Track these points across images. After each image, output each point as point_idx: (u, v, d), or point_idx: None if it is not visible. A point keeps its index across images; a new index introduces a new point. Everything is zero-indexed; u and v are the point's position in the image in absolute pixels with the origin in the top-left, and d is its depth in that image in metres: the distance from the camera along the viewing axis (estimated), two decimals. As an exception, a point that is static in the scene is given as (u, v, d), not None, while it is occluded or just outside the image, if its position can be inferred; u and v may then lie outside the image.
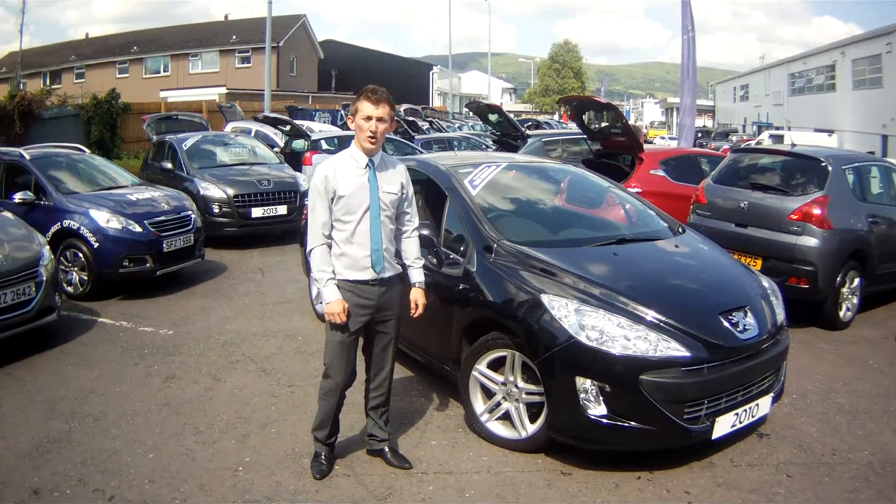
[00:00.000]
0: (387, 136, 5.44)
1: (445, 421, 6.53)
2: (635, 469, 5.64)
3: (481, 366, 6.04)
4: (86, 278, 10.55)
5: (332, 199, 5.08)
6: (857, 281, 9.86)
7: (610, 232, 7.25)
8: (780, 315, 6.37)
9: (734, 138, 48.98)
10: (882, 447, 6.17)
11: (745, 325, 5.80)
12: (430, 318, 6.48)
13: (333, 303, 5.07)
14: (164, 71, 66.02)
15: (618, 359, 5.30)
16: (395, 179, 5.31)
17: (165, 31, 72.75)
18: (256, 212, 14.63)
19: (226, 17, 73.79)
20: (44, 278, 8.43)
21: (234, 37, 63.59)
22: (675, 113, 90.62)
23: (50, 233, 10.48)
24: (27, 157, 11.59)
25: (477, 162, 7.75)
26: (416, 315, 5.49)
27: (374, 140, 5.08)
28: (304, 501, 5.13)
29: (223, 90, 49.16)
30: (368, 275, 5.17)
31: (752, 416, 5.86)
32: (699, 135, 53.69)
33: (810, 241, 9.37)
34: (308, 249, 5.21)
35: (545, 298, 5.65)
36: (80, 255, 10.54)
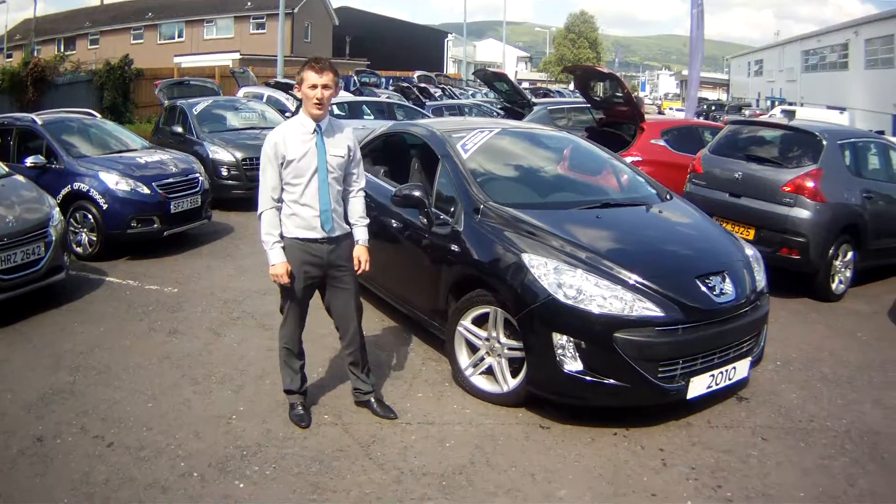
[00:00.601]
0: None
1: (433, 375, 6.79)
2: (612, 425, 5.85)
3: (466, 321, 6.29)
4: (95, 239, 10.82)
5: (282, 164, 5.31)
6: (850, 254, 9.98)
7: (596, 196, 7.43)
8: (761, 282, 6.52)
9: (747, 112, 48.72)
10: (861, 417, 6.27)
11: (721, 290, 5.96)
12: (419, 275, 6.92)
13: (278, 265, 5.34)
14: (179, 37, 65.81)
15: (593, 316, 5.51)
16: (343, 143, 5.52)
17: (180, -3, 72.67)
18: (265, 174, 14.64)
19: (240, -18, 73.47)
20: (53, 238, 8.67)
21: (249, 3, 63.34)
22: (689, 85, 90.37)
23: (60, 195, 10.72)
24: (39, 122, 11.91)
25: (471, 127, 7.98)
26: (360, 272, 5.71)
27: (320, 106, 5.28)
28: (291, 447, 5.41)
29: (237, 56, 49.22)
30: (318, 234, 5.41)
31: (729, 379, 6.03)
32: (713, 108, 53.65)
33: (802, 213, 9.51)
34: (258, 212, 5.41)
35: (525, 258, 5.87)
36: (90, 216, 10.81)
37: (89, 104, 26.16)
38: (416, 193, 6.81)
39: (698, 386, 5.79)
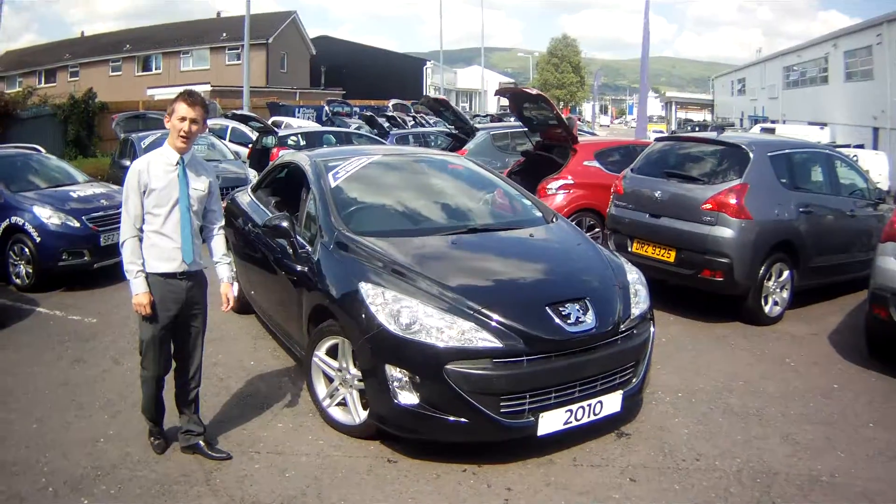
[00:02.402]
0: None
1: (302, 405, 6.73)
2: (465, 461, 5.63)
3: (320, 352, 6.19)
4: (31, 271, 11.04)
5: (144, 192, 5.27)
6: (785, 274, 9.59)
7: (464, 222, 7.31)
8: (638, 309, 6.28)
9: (729, 132, 48.82)
10: (760, 455, 5.88)
11: (578, 318, 5.70)
12: (289, 304, 6.90)
13: (141, 294, 5.29)
14: (157, 68, 66.40)
15: (423, 347, 5.35)
16: (204, 178, 5.53)
17: (158, 29, 73.26)
18: (204, 206, 14.68)
19: (218, 14, 73.88)
20: None
21: (225, 34, 63.84)
22: (673, 107, 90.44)
23: (0, 228, 11.18)
24: None
25: (349, 156, 8.04)
26: (226, 310, 5.82)
27: (185, 139, 5.30)
28: (142, 470, 5.52)
29: (208, 87, 49.32)
30: (177, 266, 5.38)
31: (595, 414, 5.74)
32: (697, 129, 53.73)
33: (725, 232, 9.12)
34: (121, 241, 5.36)
35: (362, 286, 5.79)
36: (26, 249, 11.07)
37: (54, 138, 26.40)
38: (283, 224, 6.81)
39: (551, 422, 5.52)
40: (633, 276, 6.67)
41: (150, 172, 5.28)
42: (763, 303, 9.47)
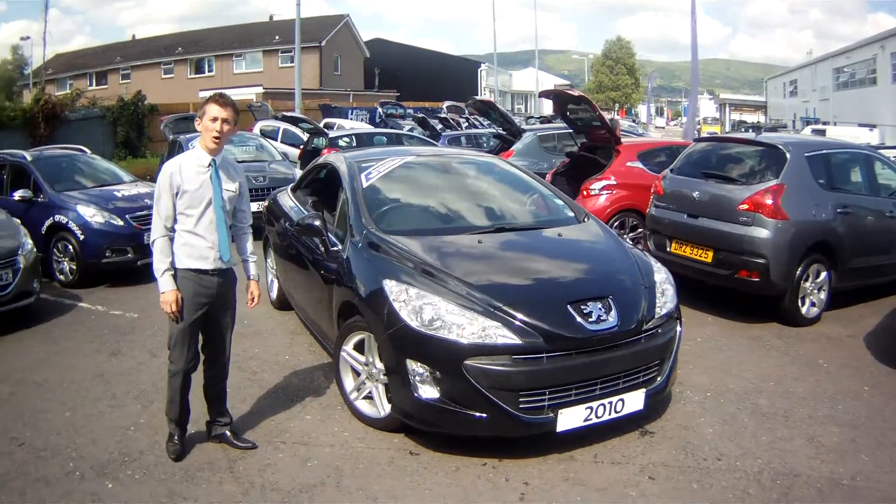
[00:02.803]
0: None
1: (330, 398, 6.84)
2: (487, 455, 5.69)
3: (348, 347, 6.31)
4: (74, 267, 11.42)
5: (177, 194, 5.36)
6: (823, 275, 9.41)
7: (492, 221, 7.35)
8: (664, 308, 6.27)
9: (780, 133, 48.30)
10: (783, 456, 5.77)
11: (600, 316, 5.71)
12: (320, 300, 7.05)
13: (168, 293, 5.38)
14: (209, 71, 67.28)
15: (444, 343, 5.44)
16: (234, 179, 5.64)
17: (210, 32, 74.12)
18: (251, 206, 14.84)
19: (271, 17, 74.82)
20: (21, 266, 9.34)
21: (278, 37, 64.33)
22: (727, 109, 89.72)
23: (45, 227, 11.61)
24: (28, 158, 12.81)
25: (383, 156, 8.17)
26: (252, 306, 5.95)
27: (218, 140, 5.38)
28: (167, 456, 5.71)
29: (260, 89, 49.74)
30: (210, 264, 5.47)
31: (616, 412, 5.74)
32: (750, 130, 53.21)
33: (761, 233, 9.01)
34: (151, 240, 5.48)
35: (385, 283, 5.89)
36: (70, 246, 11.47)
37: (104, 139, 26.88)
38: (315, 223, 7.00)
39: (571, 418, 5.55)
40: (661, 275, 6.64)
41: (183, 174, 5.37)
42: (800, 304, 9.31)
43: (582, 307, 5.74)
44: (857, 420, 6.52)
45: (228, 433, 5.90)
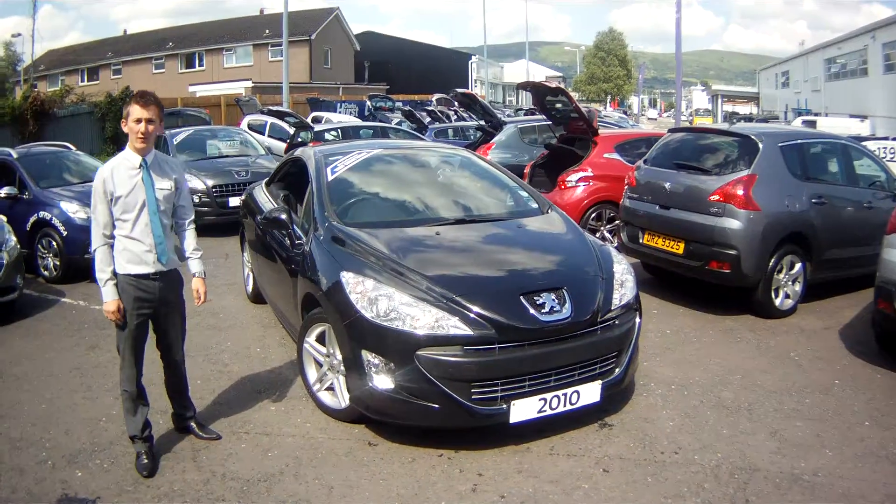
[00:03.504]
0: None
1: (295, 390, 6.95)
2: (443, 446, 5.75)
3: (310, 338, 6.39)
4: (58, 263, 11.59)
5: (111, 200, 5.29)
6: (797, 266, 9.44)
7: (452, 213, 7.43)
8: (625, 298, 6.32)
9: (773, 124, 48.34)
10: (743, 450, 5.77)
11: (552, 307, 5.75)
12: (286, 293, 7.18)
13: (109, 302, 5.34)
14: (199, 65, 67.38)
15: (397, 334, 5.51)
16: (169, 176, 5.54)
17: (200, 27, 74.20)
18: (233, 201, 15.15)
19: (261, 11, 74.62)
20: (4, 262, 9.48)
21: (268, 30, 64.31)
22: (720, 100, 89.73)
23: (29, 223, 11.84)
24: (14, 155, 13.03)
25: (348, 150, 8.27)
26: (199, 304, 5.83)
27: (144, 140, 5.29)
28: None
29: (249, 84, 49.77)
30: (150, 268, 5.41)
31: (571, 403, 5.76)
32: (741, 122, 53.25)
33: (732, 223, 9.04)
34: (91, 249, 5.41)
35: (343, 275, 5.96)
36: (54, 242, 11.65)
37: (92, 135, 26.96)
38: (281, 216, 7.14)
39: (524, 410, 5.58)
40: (621, 266, 6.67)
41: (115, 180, 5.29)
42: (773, 295, 9.35)
43: (535, 298, 5.78)
44: (824, 414, 6.51)
45: (193, 424, 5.98)
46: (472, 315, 5.57)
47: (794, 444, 5.90)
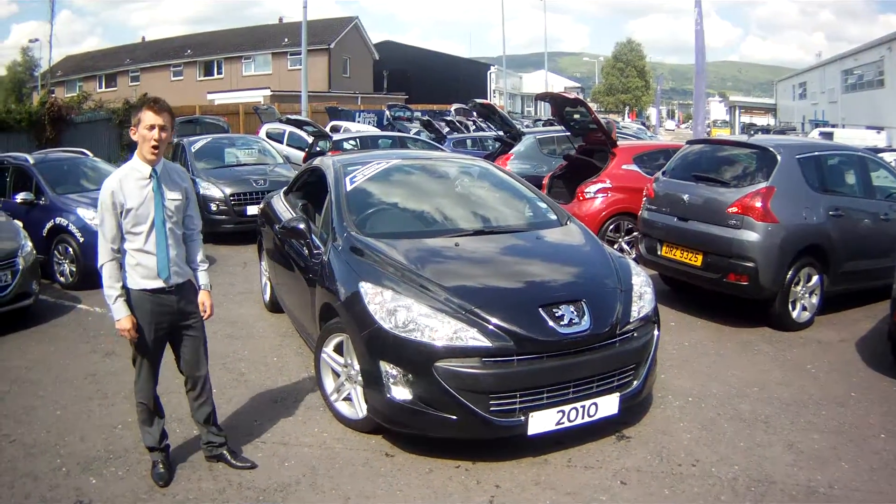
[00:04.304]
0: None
1: (312, 399, 6.93)
2: (460, 457, 5.72)
3: (328, 348, 6.38)
4: (74, 270, 11.53)
5: (121, 213, 5.07)
6: (814, 279, 9.37)
7: (472, 224, 7.43)
8: (643, 311, 6.30)
9: (789, 136, 48.21)
10: (760, 462, 5.74)
11: (571, 319, 5.74)
12: (304, 302, 7.17)
13: (123, 319, 5.11)
14: (218, 73, 67.58)
15: (415, 345, 5.49)
16: (179, 186, 5.35)
17: (219, 35, 74.39)
18: (251, 209, 15.15)
19: (280, 19, 75.01)
20: (20, 267, 9.51)
21: (287, 39, 64.62)
22: (737, 111, 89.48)
23: (46, 229, 11.81)
24: (31, 161, 13.06)
25: (367, 160, 8.26)
26: (206, 318, 5.57)
27: (156, 149, 5.07)
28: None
29: (268, 92, 49.88)
30: (164, 282, 5.23)
31: (589, 416, 5.74)
32: (760, 133, 53.04)
33: (750, 236, 8.98)
34: (99, 265, 5.16)
35: (362, 286, 5.96)
36: (70, 249, 11.64)
37: (110, 142, 27.07)
38: (300, 226, 7.14)
39: (542, 422, 5.56)
40: (640, 279, 6.65)
41: (125, 191, 5.05)
42: (791, 308, 9.29)
43: (554, 310, 5.77)
44: (840, 427, 6.48)
45: (226, 453, 5.68)
46: (490, 327, 5.56)
47: (810, 457, 5.88)
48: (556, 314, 5.75)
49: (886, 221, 10.15)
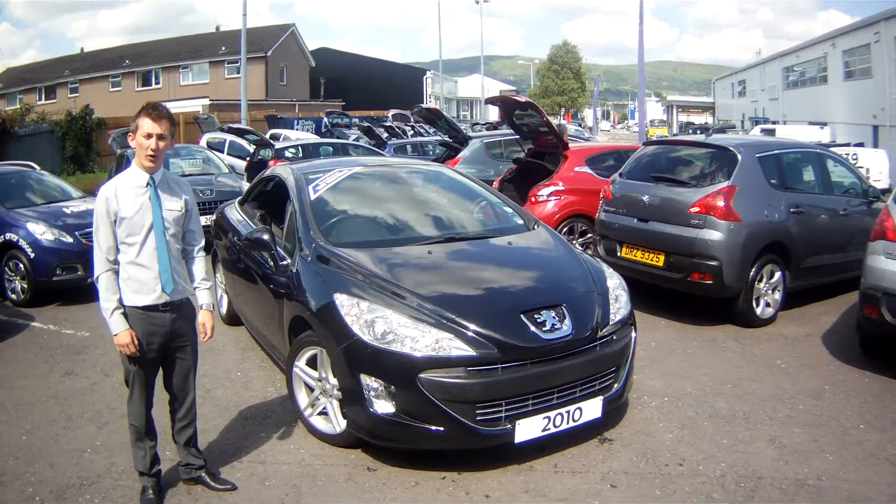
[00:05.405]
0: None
1: (283, 415, 6.75)
2: (445, 468, 5.63)
3: (300, 362, 6.20)
4: (26, 286, 11.20)
5: (115, 222, 4.87)
6: (777, 275, 9.51)
7: (441, 231, 7.31)
8: (620, 313, 6.27)
9: (731, 134, 48.80)
10: (745, 458, 5.79)
11: (553, 325, 5.68)
12: (270, 315, 6.95)
13: (121, 334, 4.88)
14: (156, 83, 66.71)
15: (397, 357, 5.36)
16: (178, 197, 5.13)
17: (157, 45, 73.36)
18: (201, 220, 14.64)
19: (217, 28, 74.41)
20: None
21: (224, 47, 64.06)
22: (675, 110, 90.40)
23: None
24: None
25: (330, 167, 8.11)
26: (206, 340, 5.36)
27: (153, 158, 4.89)
28: (125, 480, 5.54)
29: (207, 101, 49.48)
30: (158, 298, 4.98)
31: (574, 420, 5.70)
32: (698, 131, 53.62)
33: (713, 235, 9.05)
34: (94, 276, 4.98)
35: (336, 297, 5.80)
36: (21, 265, 11.26)
37: (53, 154, 26.68)
38: (264, 237, 6.87)
39: (529, 429, 5.49)
40: (614, 281, 6.63)
41: (119, 199, 4.86)
42: (755, 305, 9.39)
43: (535, 316, 5.70)
44: (819, 419, 6.57)
45: (205, 475, 5.45)
46: (472, 335, 5.46)
47: (794, 451, 5.94)
48: (538, 320, 5.68)
49: (845, 216, 10.32)
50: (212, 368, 8.08)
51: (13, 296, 11.32)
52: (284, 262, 6.84)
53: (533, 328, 5.62)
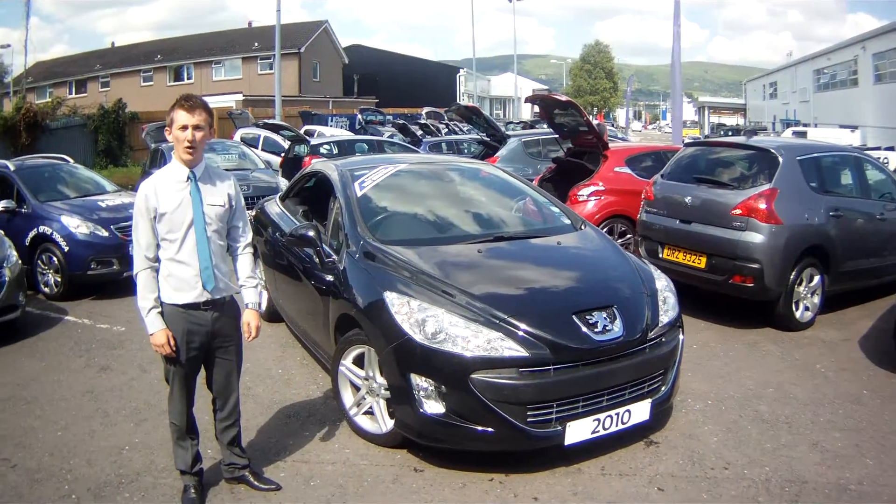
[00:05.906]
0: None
1: (328, 414, 6.70)
2: (492, 470, 5.56)
3: (347, 361, 6.15)
4: (59, 280, 11.17)
5: (155, 218, 4.75)
6: (816, 279, 9.38)
7: (490, 230, 7.22)
8: (667, 316, 6.19)
9: (762, 136, 48.44)
10: (789, 462, 5.74)
11: (605, 326, 5.61)
12: (315, 313, 6.87)
13: (157, 333, 4.79)
14: (188, 78, 66.82)
15: (449, 357, 5.29)
16: (222, 191, 4.98)
17: (189, 40, 73.58)
18: (233, 214, 14.76)
19: (249, 24, 74.40)
20: (6, 279, 9.07)
21: (257, 43, 64.02)
22: (706, 111, 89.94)
23: (28, 238, 11.38)
24: (11, 167, 12.57)
25: (374, 164, 8.00)
26: (250, 339, 5.22)
27: (192, 150, 4.75)
28: (166, 478, 5.49)
29: (240, 97, 49.58)
30: (198, 296, 4.86)
31: (623, 423, 5.64)
32: (730, 133, 53.31)
33: (755, 237, 8.95)
34: (133, 273, 4.88)
35: (387, 296, 5.73)
36: (55, 258, 11.23)
37: (84, 148, 26.82)
38: (309, 234, 6.70)
39: (579, 431, 5.43)
40: (662, 283, 6.56)
41: (159, 194, 4.75)
42: (794, 308, 9.28)
43: (587, 317, 5.63)
44: (859, 424, 6.51)
45: (249, 475, 5.37)
46: (524, 335, 5.39)
47: (835, 455, 5.90)
48: (590, 321, 5.62)
49: (882, 220, 10.21)
50: (252, 366, 7.96)
51: (46, 289, 11.26)
52: (330, 259, 6.83)
53: (585, 329, 5.56)
